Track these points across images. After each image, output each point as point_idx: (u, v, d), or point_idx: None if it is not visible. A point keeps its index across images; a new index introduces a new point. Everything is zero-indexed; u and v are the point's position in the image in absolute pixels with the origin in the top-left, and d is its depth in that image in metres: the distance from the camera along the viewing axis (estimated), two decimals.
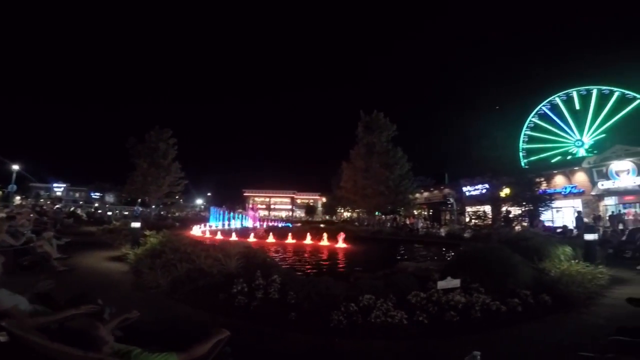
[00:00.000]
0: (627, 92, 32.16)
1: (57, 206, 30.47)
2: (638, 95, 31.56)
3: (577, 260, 6.28)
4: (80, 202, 56.03)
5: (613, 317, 4.11)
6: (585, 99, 34.73)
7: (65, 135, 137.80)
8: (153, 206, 29.16)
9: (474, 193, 33.19)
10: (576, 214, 19.65)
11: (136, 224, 9.67)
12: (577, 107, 35.10)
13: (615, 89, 33.04)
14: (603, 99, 33.70)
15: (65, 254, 7.86)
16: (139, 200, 32.05)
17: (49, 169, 62.46)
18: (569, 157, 33.49)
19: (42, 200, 50.03)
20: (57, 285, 4.91)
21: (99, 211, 36.34)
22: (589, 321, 4.11)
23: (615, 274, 5.95)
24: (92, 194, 67.39)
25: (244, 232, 17.56)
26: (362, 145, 25.18)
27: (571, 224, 21.21)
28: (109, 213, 31.90)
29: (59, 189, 66.49)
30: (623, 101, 32.41)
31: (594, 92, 34.03)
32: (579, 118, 35.18)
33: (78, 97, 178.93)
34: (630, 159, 22.04)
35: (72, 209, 32.44)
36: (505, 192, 23.92)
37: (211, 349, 2.05)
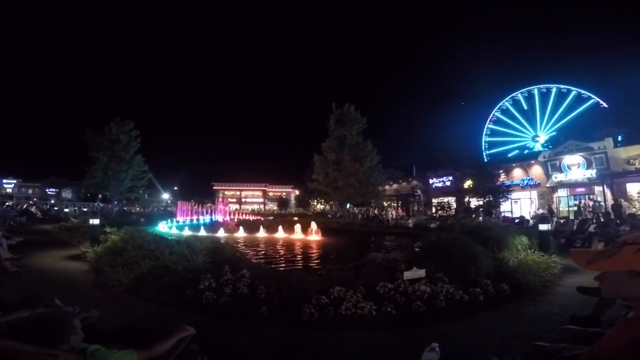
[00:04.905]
0: (581, 90, 34.53)
1: (7, 204, 28.32)
2: (591, 95, 33.94)
3: (533, 250, 6.58)
4: (34, 199, 52.34)
5: (566, 305, 4.37)
6: (543, 96, 37.12)
7: (14, 127, 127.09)
8: (115, 202, 27.74)
9: (439, 185, 34.52)
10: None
11: (95, 221, 9.17)
12: (537, 104, 37.49)
13: (552, 85, 35.72)
14: (544, 96, 36.37)
15: (17, 254, 7.39)
16: (99, 195, 30.41)
17: None
18: (526, 152, 35.63)
19: None
20: (9, 287, 4.59)
21: (55, 208, 34.19)
22: (545, 309, 4.33)
23: (567, 263, 6.27)
24: (47, 190, 62.99)
25: (213, 226, 17.17)
26: (333, 138, 25.31)
27: (528, 214, 22.65)
28: (66, 210, 30.02)
29: (9, 185, 61.58)
30: (577, 99, 34.84)
31: (554, 90, 36.42)
32: (535, 115, 37.56)
33: (27, 85, 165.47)
34: (581, 154, 23.72)
35: (24, 206, 30.30)
36: (468, 183, 25.10)
37: (174, 346, 2.00)
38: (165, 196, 61.81)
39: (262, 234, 14.86)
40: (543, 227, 7.96)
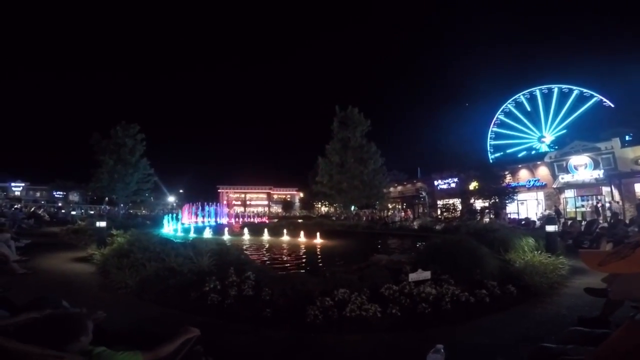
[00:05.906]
0: (584, 90, 34.31)
1: (16, 206, 28.68)
2: (595, 94, 33.71)
3: (539, 251, 6.51)
4: (42, 202, 52.95)
5: (574, 306, 4.31)
6: (547, 97, 36.87)
7: (22, 131, 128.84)
8: (121, 204, 27.97)
9: (444, 187, 34.37)
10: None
11: (102, 223, 9.26)
12: (540, 104, 37.20)
13: (553, 85, 35.65)
14: (547, 97, 36.16)
15: (25, 256, 7.49)
16: (106, 198, 30.69)
17: (6, 167, 58.15)
18: (532, 152, 35.36)
19: None
20: (17, 289, 4.65)
21: (62, 211, 34.59)
22: (552, 311, 4.27)
23: (575, 264, 6.19)
24: (54, 193, 63.71)
25: (218, 229, 17.22)
26: (337, 140, 25.29)
27: (535, 216, 22.44)
28: (73, 212, 30.35)
29: (17, 188, 62.31)
30: (581, 99, 34.62)
31: (555, 90, 36.15)
32: (539, 116, 37.32)
33: (34, 89, 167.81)
34: (587, 154, 23.47)
35: (32, 209, 30.67)
36: (474, 185, 24.94)
37: (179, 347, 2.01)
38: (171, 199, 62.16)
39: (266, 236, 14.87)
40: (550, 228, 7.87)
